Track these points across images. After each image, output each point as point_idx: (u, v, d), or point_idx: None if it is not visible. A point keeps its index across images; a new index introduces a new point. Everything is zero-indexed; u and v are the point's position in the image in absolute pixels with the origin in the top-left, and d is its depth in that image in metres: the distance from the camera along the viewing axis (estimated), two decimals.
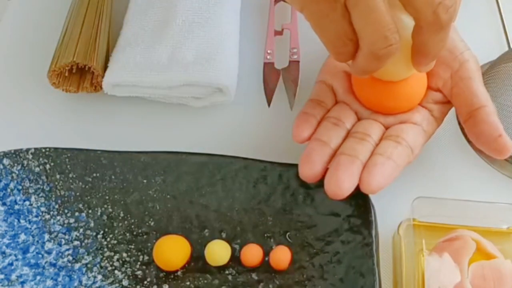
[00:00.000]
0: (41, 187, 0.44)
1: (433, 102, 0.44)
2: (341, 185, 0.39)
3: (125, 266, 0.41)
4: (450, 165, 0.47)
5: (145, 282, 0.40)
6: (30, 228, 0.42)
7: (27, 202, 0.43)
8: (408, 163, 0.41)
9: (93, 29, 0.50)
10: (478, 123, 0.41)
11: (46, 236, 0.42)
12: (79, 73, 0.49)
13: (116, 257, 0.41)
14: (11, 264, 0.41)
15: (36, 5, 0.57)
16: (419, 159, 0.46)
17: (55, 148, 0.44)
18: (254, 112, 0.50)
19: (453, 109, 0.45)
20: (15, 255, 0.41)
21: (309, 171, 0.40)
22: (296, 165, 0.43)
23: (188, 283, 0.40)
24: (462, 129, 0.48)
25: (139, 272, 0.41)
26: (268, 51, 0.52)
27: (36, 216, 0.43)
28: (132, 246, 0.42)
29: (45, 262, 0.41)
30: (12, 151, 0.44)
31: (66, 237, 0.42)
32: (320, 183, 0.42)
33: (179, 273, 0.41)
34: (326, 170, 0.40)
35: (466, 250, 0.37)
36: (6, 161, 0.43)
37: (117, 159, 0.44)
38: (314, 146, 0.41)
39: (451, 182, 0.46)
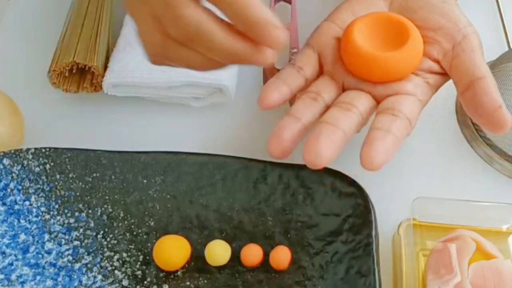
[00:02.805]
0: (41, 187, 0.44)
1: (428, 71, 0.42)
2: (320, 152, 0.37)
3: (125, 266, 0.41)
4: (450, 165, 0.47)
5: (145, 282, 0.40)
6: (30, 228, 0.42)
7: (27, 202, 0.43)
8: (407, 135, 0.40)
9: (93, 29, 0.50)
10: (478, 94, 0.40)
11: (46, 236, 0.42)
12: (79, 73, 0.49)
13: (116, 257, 0.41)
14: (11, 264, 0.41)
15: (36, 5, 0.57)
16: (419, 159, 0.46)
17: (55, 148, 0.44)
18: (254, 112, 0.50)
19: (452, 107, 0.45)
20: (15, 255, 0.41)
21: (276, 147, 0.39)
22: (296, 165, 0.43)
23: (188, 283, 0.40)
24: (462, 128, 0.49)
25: (139, 272, 0.41)
26: None
27: (36, 216, 0.43)
28: (132, 246, 0.42)
29: (45, 262, 0.41)
30: (12, 151, 0.44)
31: (66, 237, 0.42)
32: (320, 183, 0.42)
33: (179, 273, 0.41)
34: (293, 147, 0.39)
35: (466, 250, 0.37)
36: (6, 161, 0.43)
37: (117, 159, 0.44)
38: (285, 122, 0.39)
39: (451, 182, 0.46)
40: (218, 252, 0.41)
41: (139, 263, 0.41)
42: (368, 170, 0.37)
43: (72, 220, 0.43)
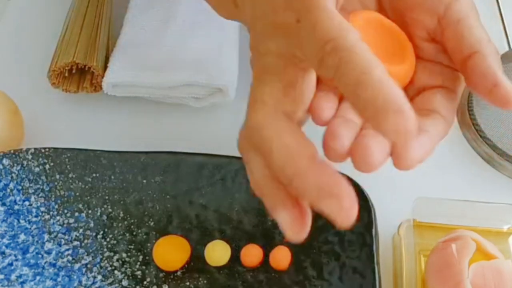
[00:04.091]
0: (41, 187, 0.43)
1: (437, 52, 0.36)
2: (371, 153, 0.30)
3: (125, 266, 0.41)
4: (450, 165, 0.47)
5: (145, 282, 0.40)
6: (30, 228, 0.42)
7: (26, 202, 0.43)
8: (445, 134, 0.35)
9: (93, 29, 0.50)
10: (470, 74, 0.34)
11: (46, 236, 0.42)
12: (79, 73, 0.49)
13: (115, 257, 0.41)
14: (11, 264, 0.41)
15: (36, 5, 0.57)
16: None
17: (55, 148, 0.44)
18: None
19: None
20: (15, 255, 0.41)
21: (336, 147, 0.31)
22: None
23: (187, 283, 0.40)
24: (462, 128, 0.48)
25: (138, 272, 0.41)
26: None
27: (36, 216, 0.43)
28: (132, 246, 0.42)
29: (45, 262, 0.41)
30: (12, 151, 0.44)
31: (66, 237, 0.42)
32: None
33: (178, 273, 0.41)
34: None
35: (466, 250, 0.37)
36: (5, 161, 0.43)
37: (116, 159, 0.44)
38: (337, 122, 0.33)
39: (451, 182, 0.46)
40: (218, 252, 0.41)
41: (138, 263, 0.41)
42: (404, 169, 0.31)
43: (71, 220, 0.43)
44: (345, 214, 0.29)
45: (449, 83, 0.36)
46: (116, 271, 0.41)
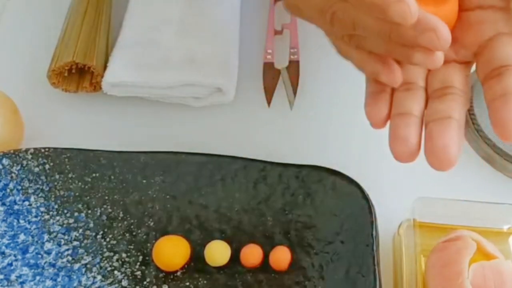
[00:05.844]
0: (41, 187, 0.43)
1: None
2: (447, 151, 0.32)
3: (125, 266, 0.41)
4: None
5: (145, 283, 0.40)
6: (30, 228, 0.42)
7: (26, 202, 0.43)
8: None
9: (92, 29, 0.50)
10: None
11: (46, 236, 0.42)
12: (79, 72, 0.49)
13: (115, 257, 0.41)
14: (11, 264, 0.41)
15: (36, 5, 0.57)
16: (419, 159, 0.45)
17: (55, 148, 0.44)
18: (254, 112, 0.50)
19: None
20: (15, 255, 0.41)
21: (404, 150, 0.33)
22: (296, 165, 0.43)
23: (187, 283, 0.40)
24: None
25: (138, 273, 0.41)
26: (268, 51, 0.52)
27: (36, 216, 0.43)
28: (132, 247, 0.42)
29: (45, 263, 0.41)
30: (12, 151, 0.44)
31: (66, 237, 0.42)
32: (320, 183, 0.42)
33: (178, 273, 0.41)
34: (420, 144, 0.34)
35: (467, 250, 0.37)
36: (5, 161, 0.43)
37: (116, 159, 0.44)
38: (397, 124, 0.34)
39: (451, 182, 0.46)
40: (217, 252, 0.41)
41: (138, 263, 0.41)
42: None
43: (71, 220, 0.43)
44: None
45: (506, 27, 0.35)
46: (115, 271, 0.41)
